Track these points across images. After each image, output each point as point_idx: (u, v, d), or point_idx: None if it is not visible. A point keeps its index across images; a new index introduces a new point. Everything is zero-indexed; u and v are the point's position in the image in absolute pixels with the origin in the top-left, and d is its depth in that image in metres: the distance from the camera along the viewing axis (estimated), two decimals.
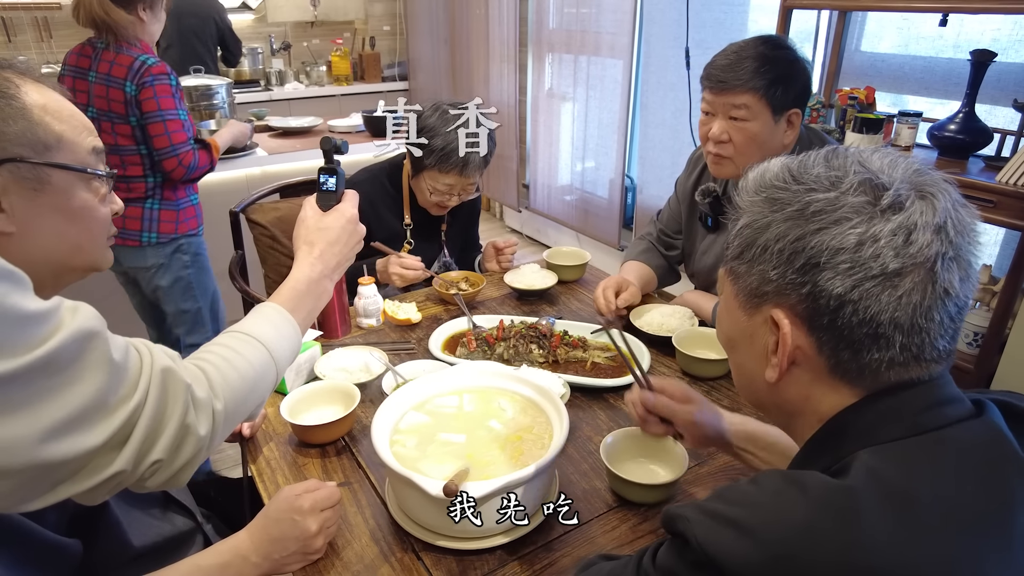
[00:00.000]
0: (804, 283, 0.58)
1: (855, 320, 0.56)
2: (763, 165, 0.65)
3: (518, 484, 0.89)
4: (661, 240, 1.82)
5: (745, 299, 0.64)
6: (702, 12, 2.93)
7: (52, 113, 0.75)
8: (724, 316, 0.70)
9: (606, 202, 3.75)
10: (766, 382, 0.64)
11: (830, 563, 0.49)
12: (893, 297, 0.55)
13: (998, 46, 2.00)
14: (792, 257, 0.58)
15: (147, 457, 0.68)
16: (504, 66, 4.28)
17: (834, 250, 0.56)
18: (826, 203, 0.57)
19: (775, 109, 1.39)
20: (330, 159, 1.02)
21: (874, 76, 2.46)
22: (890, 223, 0.55)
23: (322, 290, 0.95)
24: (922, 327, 0.56)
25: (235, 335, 0.83)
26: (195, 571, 0.86)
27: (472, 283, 1.75)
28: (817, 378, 0.61)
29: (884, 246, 0.55)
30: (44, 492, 0.63)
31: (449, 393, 1.13)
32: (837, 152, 0.62)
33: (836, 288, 0.56)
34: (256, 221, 2.11)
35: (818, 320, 0.58)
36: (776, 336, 0.61)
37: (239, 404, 0.78)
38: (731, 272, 0.66)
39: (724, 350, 0.74)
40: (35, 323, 0.60)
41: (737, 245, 0.64)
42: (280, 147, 3.17)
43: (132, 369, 0.67)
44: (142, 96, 2.00)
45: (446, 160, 1.69)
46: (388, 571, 0.92)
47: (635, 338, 1.46)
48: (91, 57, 2.04)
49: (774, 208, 0.60)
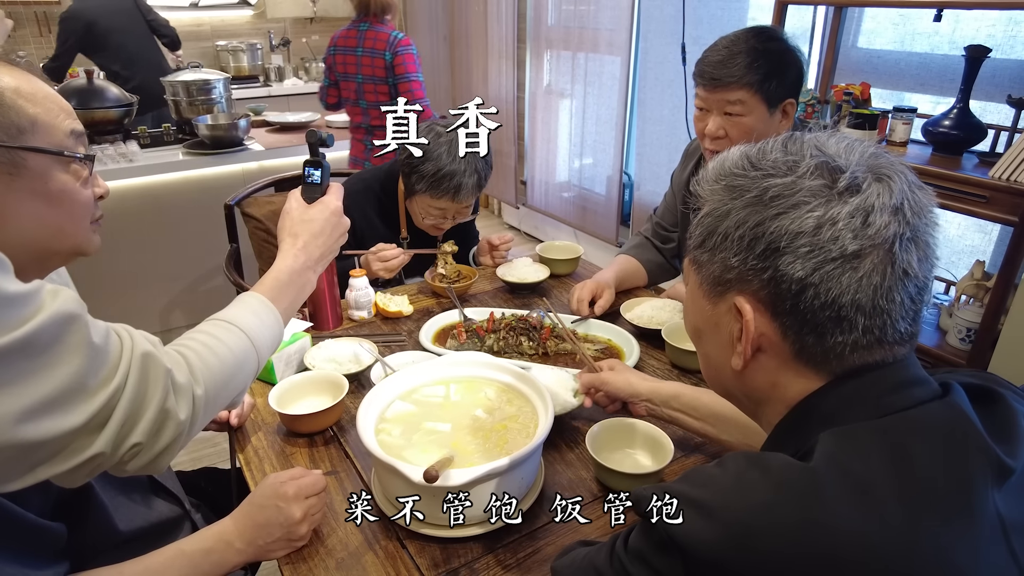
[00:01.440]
0: (765, 268, 0.58)
1: (817, 303, 0.56)
2: (722, 154, 0.65)
3: (500, 472, 0.89)
4: (657, 234, 1.82)
5: (709, 288, 0.64)
6: (699, 8, 2.93)
7: (25, 96, 0.73)
8: (689, 306, 0.70)
9: (604, 199, 3.75)
10: (732, 370, 0.64)
11: (788, 542, 0.49)
12: (853, 279, 0.55)
13: (992, 42, 2.01)
14: (752, 243, 0.58)
15: (126, 440, 0.68)
16: (503, 63, 4.28)
17: (793, 234, 0.56)
18: (783, 187, 0.57)
19: (770, 102, 1.38)
20: (315, 152, 1.03)
21: (870, 72, 2.45)
22: (848, 205, 0.55)
23: (305, 281, 0.96)
24: (883, 308, 0.56)
25: (216, 323, 0.83)
26: (179, 556, 0.86)
27: (465, 276, 1.75)
28: (783, 364, 0.62)
29: (843, 228, 0.55)
30: (23, 473, 0.63)
31: (436, 383, 1.13)
32: (794, 138, 0.62)
33: (797, 272, 0.56)
34: (251, 215, 2.11)
35: (781, 305, 0.58)
36: (740, 323, 0.61)
37: (220, 390, 0.79)
38: (694, 261, 0.66)
39: (691, 341, 0.74)
40: (15, 305, 0.60)
41: (699, 234, 0.64)
42: (276, 142, 3.18)
43: (112, 353, 0.68)
44: (395, 62, 2.82)
45: (437, 186, 1.65)
46: (372, 558, 0.93)
47: (623, 330, 1.46)
48: (355, 37, 2.89)
49: (733, 195, 0.60)
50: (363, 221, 1.81)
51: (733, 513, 0.51)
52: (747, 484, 0.53)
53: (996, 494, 0.54)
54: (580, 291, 1.57)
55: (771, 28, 1.43)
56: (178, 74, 3.21)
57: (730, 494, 0.53)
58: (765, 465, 0.54)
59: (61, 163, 0.77)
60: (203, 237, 2.96)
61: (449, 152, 1.63)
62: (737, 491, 0.53)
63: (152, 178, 2.85)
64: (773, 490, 0.52)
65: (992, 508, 0.53)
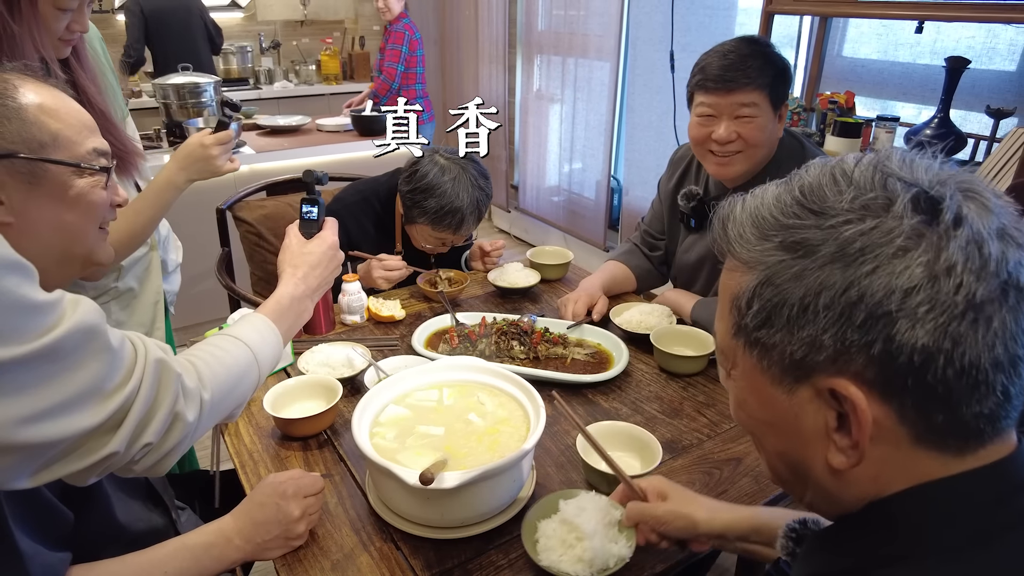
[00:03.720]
0: (872, 342, 0.46)
1: (951, 372, 0.45)
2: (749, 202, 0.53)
3: (493, 474, 0.92)
4: (645, 241, 1.85)
5: (781, 373, 0.51)
6: (687, 16, 2.97)
7: (49, 113, 0.80)
8: (749, 399, 0.56)
9: (593, 203, 3.79)
10: (828, 469, 0.51)
11: None
12: (988, 331, 0.44)
13: (972, 53, 2.06)
14: (848, 311, 0.46)
15: (139, 440, 0.72)
16: (493, 67, 4.31)
17: (904, 291, 0.44)
18: (878, 234, 0.46)
19: (775, 104, 1.42)
20: (311, 190, 1.12)
21: (854, 81, 2.50)
22: (957, 240, 0.45)
23: (303, 308, 1.04)
24: (1021, 357, 0.46)
25: (224, 337, 0.90)
26: (181, 548, 0.90)
27: (456, 281, 1.77)
28: (894, 452, 0.49)
29: (962, 272, 0.44)
30: (39, 470, 0.67)
31: (430, 387, 1.15)
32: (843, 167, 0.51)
33: (920, 339, 0.44)
34: (243, 219, 2.12)
35: (898, 382, 0.46)
36: (836, 410, 0.49)
37: (224, 396, 0.84)
38: (755, 344, 0.52)
39: (752, 438, 0.60)
40: (42, 313, 0.65)
41: (758, 310, 0.51)
42: (268, 145, 3.18)
43: (127, 358, 0.72)
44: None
45: (440, 221, 1.67)
46: (367, 560, 0.94)
47: (613, 335, 1.49)
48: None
49: (799, 254, 0.48)
50: (360, 234, 1.83)
51: None
52: None
53: None
54: (574, 306, 1.57)
55: (762, 37, 1.46)
56: (168, 77, 3.21)
57: None
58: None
59: (78, 174, 0.83)
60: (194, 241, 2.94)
61: (454, 188, 1.63)
62: None
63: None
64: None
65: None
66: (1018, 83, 2.06)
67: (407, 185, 1.68)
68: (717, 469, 1.12)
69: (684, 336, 1.46)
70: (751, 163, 1.46)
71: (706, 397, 1.33)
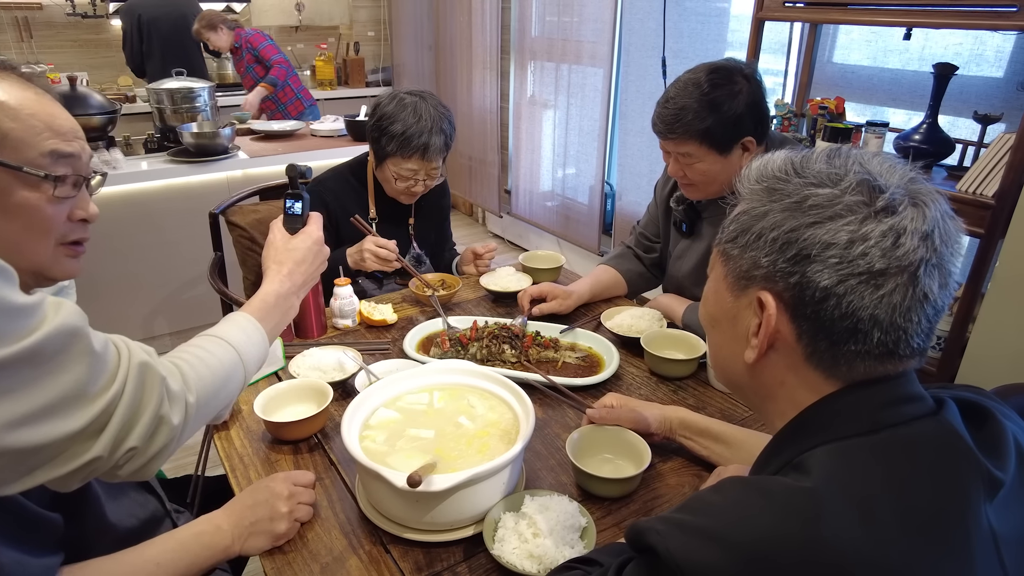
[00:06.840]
0: (793, 272, 0.60)
1: (837, 313, 0.58)
2: (766, 156, 0.67)
3: (483, 477, 0.92)
4: (640, 244, 1.86)
5: (734, 280, 0.66)
6: (679, 23, 2.99)
7: (5, 110, 0.72)
8: (711, 295, 0.72)
9: (586, 208, 3.80)
10: (744, 363, 0.67)
11: (800, 561, 0.50)
12: (875, 296, 0.57)
13: (959, 60, 2.08)
14: (785, 246, 0.60)
15: (123, 444, 0.71)
16: (487, 73, 4.33)
17: (825, 244, 0.58)
18: (824, 198, 0.59)
19: (720, 148, 1.43)
20: (295, 185, 1.09)
21: (844, 87, 2.52)
22: (882, 225, 0.57)
23: (289, 306, 1.02)
24: (900, 326, 0.59)
25: (208, 338, 0.88)
26: (171, 540, 0.92)
27: (448, 285, 1.78)
28: (792, 365, 0.64)
29: (873, 246, 0.57)
30: (21, 476, 0.66)
31: (420, 390, 1.16)
32: (840, 151, 0.64)
33: (823, 281, 0.58)
34: (235, 223, 2.12)
35: (802, 309, 0.60)
36: (760, 318, 0.63)
37: (210, 399, 0.83)
38: (724, 254, 0.68)
39: (704, 329, 0.76)
40: (23, 315, 0.63)
41: (733, 229, 0.66)
42: (261, 150, 3.18)
43: (111, 361, 0.71)
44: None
45: (407, 145, 1.74)
46: (356, 563, 0.94)
47: (604, 338, 1.50)
48: None
49: (772, 198, 0.62)
50: (335, 204, 1.90)
51: (740, 539, 0.52)
52: (750, 509, 0.54)
53: (988, 508, 0.55)
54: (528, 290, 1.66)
55: (724, 68, 1.42)
56: (162, 82, 3.21)
57: (735, 520, 0.54)
58: (764, 489, 0.56)
59: (26, 180, 0.74)
60: (187, 245, 2.96)
61: (415, 113, 1.74)
62: (743, 517, 0.54)
63: (136, 186, 2.85)
64: (777, 513, 0.53)
65: (985, 523, 0.55)
66: (1005, 89, 2.08)
67: (372, 120, 1.79)
68: (707, 472, 1.12)
69: (675, 340, 1.47)
70: (709, 192, 1.53)
71: (696, 400, 1.33)
